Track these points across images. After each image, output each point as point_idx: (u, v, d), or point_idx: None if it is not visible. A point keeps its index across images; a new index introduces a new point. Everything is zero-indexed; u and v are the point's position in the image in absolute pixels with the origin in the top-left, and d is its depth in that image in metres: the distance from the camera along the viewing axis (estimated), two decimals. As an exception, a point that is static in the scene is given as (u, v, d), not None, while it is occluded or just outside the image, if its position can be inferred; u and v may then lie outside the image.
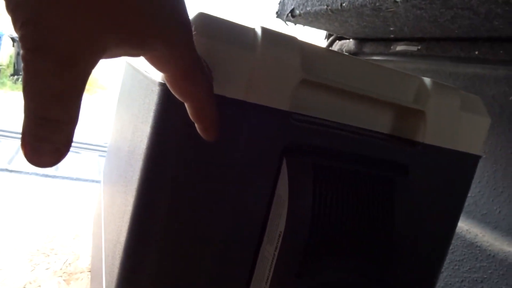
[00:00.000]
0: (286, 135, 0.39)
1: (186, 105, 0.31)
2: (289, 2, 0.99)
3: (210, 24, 0.35)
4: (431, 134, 0.45)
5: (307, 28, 1.10)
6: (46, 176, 1.35)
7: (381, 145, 0.44)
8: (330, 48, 1.23)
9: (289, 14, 0.99)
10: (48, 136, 0.22)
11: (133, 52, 0.26)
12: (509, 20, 0.58)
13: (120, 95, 0.69)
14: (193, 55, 0.29)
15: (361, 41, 1.11)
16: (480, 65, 0.76)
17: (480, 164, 0.74)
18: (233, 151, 0.37)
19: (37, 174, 1.34)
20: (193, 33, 0.28)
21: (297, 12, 0.95)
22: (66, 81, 0.22)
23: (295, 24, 1.07)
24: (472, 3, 0.55)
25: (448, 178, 0.48)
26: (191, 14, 0.33)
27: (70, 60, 0.22)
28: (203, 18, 0.35)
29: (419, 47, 0.88)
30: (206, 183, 0.37)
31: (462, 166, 0.48)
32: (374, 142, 0.43)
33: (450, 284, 0.75)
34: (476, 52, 0.74)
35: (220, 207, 0.38)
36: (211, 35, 0.35)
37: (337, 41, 1.23)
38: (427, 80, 0.45)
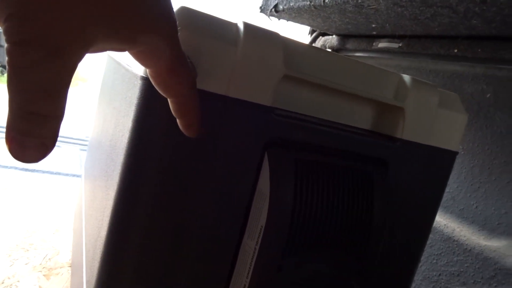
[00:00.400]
0: (268, 130, 0.39)
1: (169, 100, 0.31)
2: (273, -3, 0.99)
3: (192, 18, 0.35)
4: (410, 130, 0.46)
5: (291, 23, 1.10)
6: (26, 170, 1.33)
7: (362, 141, 0.44)
8: (312, 45, 1.24)
9: (273, 9, 0.99)
10: (34, 130, 0.22)
11: (121, 46, 0.25)
12: (486, 19, 0.59)
13: (101, 88, 0.69)
14: (178, 51, 0.29)
15: (344, 37, 1.12)
16: (459, 62, 0.78)
17: (458, 160, 0.76)
18: (215, 146, 0.37)
19: (16, 168, 1.31)
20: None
21: (281, 7, 0.96)
22: (52, 74, 0.21)
23: (279, 19, 1.08)
24: (451, 1, 0.56)
25: (426, 173, 0.49)
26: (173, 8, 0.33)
27: (57, 53, 0.21)
28: (185, 12, 0.35)
29: (400, 44, 0.89)
30: (187, 178, 0.37)
31: (440, 161, 0.49)
32: (355, 137, 0.44)
33: (428, 277, 0.77)
34: (455, 50, 0.75)
35: (202, 202, 0.38)
36: (193, 30, 0.34)
37: (321, 37, 1.23)
38: (406, 77, 0.46)
